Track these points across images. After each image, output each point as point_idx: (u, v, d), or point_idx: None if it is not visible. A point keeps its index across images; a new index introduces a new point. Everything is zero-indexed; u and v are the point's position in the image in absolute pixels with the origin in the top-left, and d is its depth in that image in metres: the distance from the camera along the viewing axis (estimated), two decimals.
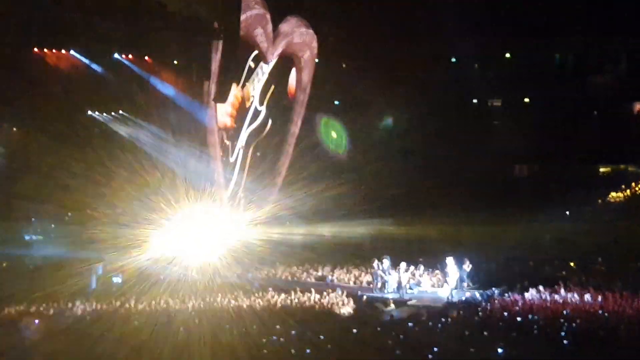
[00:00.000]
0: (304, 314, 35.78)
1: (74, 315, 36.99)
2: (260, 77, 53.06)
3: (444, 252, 48.66)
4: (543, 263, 45.74)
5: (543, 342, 27.64)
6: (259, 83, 53.11)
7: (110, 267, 48.95)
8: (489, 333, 29.12)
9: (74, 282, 44.52)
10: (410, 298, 41.03)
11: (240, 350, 26.94)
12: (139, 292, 41.78)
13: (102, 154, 57.14)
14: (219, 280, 45.62)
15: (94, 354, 27.11)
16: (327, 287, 43.13)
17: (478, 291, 40.65)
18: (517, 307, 34.86)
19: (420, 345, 27.58)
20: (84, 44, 59.74)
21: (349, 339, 29.47)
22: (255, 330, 31.16)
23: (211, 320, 33.37)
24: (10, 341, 30.74)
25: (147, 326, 32.54)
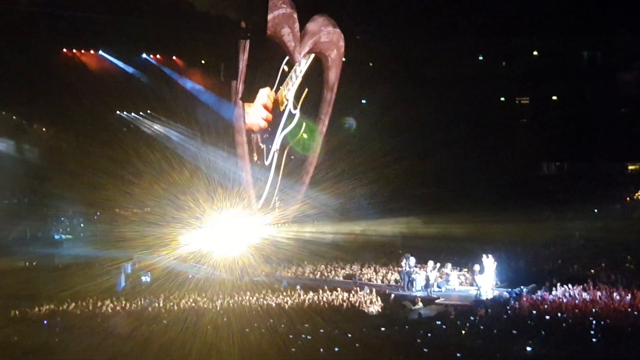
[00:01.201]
0: (332, 313, 35.77)
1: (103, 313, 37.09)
2: (294, 81, 53.09)
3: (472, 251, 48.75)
4: (572, 261, 45.47)
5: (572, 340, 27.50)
6: (292, 87, 53.13)
7: (139, 266, 49.14)
8: (517, 331, 29.03)
9: (102, 280, 44.80)
10: (438, 296, 40.94)
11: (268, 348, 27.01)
12: (168, 291, 41.92)
13: (131, 153, 57.39)
14: (247, 279, 45.71)
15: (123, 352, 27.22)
16: (354, 285, 43.10)
17: (506, 289, 40.50)
18: (546, 306, 34.72)
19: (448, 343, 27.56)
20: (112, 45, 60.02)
21: (377, 337, 29.48)
22: (284, 328, 31.21)
23: (239, 319, 33.43)
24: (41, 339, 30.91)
25: (175, 324, 32.68)
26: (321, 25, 52.95)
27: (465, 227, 51.57)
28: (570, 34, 57.84)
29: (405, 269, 43.19)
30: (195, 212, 52.31)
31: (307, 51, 52.23)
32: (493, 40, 59.36)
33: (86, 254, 53.72)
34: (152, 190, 56.22)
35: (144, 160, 56.96)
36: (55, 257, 54.71)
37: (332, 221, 55.69)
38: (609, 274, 41.31)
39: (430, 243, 51.88)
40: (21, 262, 53.92)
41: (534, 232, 50.04)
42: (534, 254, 48.04)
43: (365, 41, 57.81)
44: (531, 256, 47.65)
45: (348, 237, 54.61)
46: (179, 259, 49.81)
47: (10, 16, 51.20)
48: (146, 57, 61.72)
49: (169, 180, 55.59)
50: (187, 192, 53.78)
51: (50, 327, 33.76)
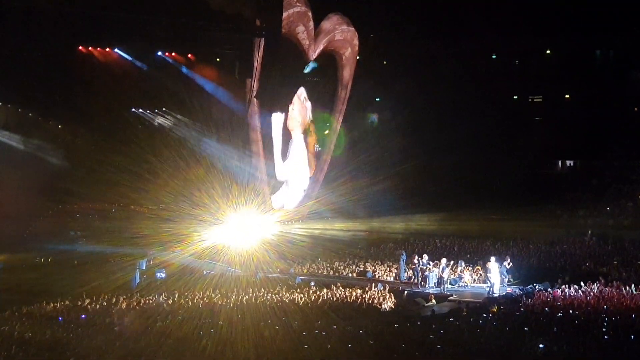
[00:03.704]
0: (345, 309, 35.90)
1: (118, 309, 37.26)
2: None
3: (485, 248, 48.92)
4: (584, 258, 45.54)
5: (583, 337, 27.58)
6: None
7: (154, 262, 49.36)
8: (529, 328, 29.12)
9: (118, 276, 45.04)
10: (451, 293, 41.06)
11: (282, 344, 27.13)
12: (183, 287, 42.12)
13: (146, 150, 57.68)
14: (262, 275, 45.88)
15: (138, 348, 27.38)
16: (368, 282, 43.26)
17: (519, 286, 40.62)
18: (558, 303, 34.80)
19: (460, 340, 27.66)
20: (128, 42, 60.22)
21: (390, 333, 29.58)
22: (297, 325, 31.34)
23: (254, 315, 33.54)
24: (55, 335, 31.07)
25: (190, 320, 32.84)
26: (335, 24, 53.23)
27: (478, 225, 51.75)
28: (584, 32, 57.90)
29: (418, 266, 43.32)
30: (210, 209, 52.59)
31: (322, 49, 52.47)
32: (506, 38, 59.45)
33: (101, 251, 53.86)
34: (167, 186, 56.54)
35: (159, 157, 57.28)
36: (71, 254, 54.87)
37: (346, 218, 55.88)
38: (621, 271, 41.40)
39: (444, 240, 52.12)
40: (37, 259, 54.23)
41: (546, 229, 50.13)
42: (546, 251, 48.10)
43: (379, 39, 58.00)
44: (543, 253, 47.71)
45: (362, 234, 54.83)
46: (194, 255, 50.07)
47: (26, 14, 51.65)
48: (161, 55, 61.94)
49: (184, 177, 55.90)
50: (202, 188, 54.07)
51: (65, 323, 33.90)
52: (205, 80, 60.76)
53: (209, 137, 58.86)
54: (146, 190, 58.56)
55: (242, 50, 54.11)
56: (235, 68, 58.44)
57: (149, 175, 57.58)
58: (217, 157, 57.18)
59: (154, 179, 57.85)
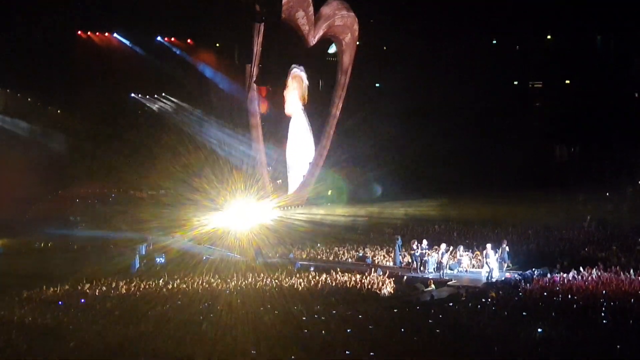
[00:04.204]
0: (344, 294, 35.93)
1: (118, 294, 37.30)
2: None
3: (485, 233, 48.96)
4: (583, 243, 45.58)
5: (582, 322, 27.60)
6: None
7: (154, 247, 49.39)
8: (528, 313, 29.16)
9: (117, 261, 45.10)
10: (450, 278, 41.09)
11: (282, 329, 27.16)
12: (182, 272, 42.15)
13: (146, 135, 57.74)
14: (261, 260, 45.92)
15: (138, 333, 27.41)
16: (367, 267, 43.28)
17: (518, 272, 40.65)
18: (557, 288, 34.84)
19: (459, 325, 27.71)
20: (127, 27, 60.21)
21: (390, 318, 29.63)
22: (297, 309, 31.38)
23: (253, 300, 33.57)
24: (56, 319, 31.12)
25: (190, 305, 32.90)
26: (335, 9, 53.11)
27: (477, 210, 51.79)
28: (584, 18, 57.82)
29: (417, 251, 43.35)
30: (209, 194, 52.63)
31: (322, 35, 52.39)
32: (506, 24, 59.39)
33: (101, 236, 53.88)
34: (166, 172, 56.56)
35: (159, 143, 57.30)
36: (70, 239, 54.92)
37: (346, 203, 55.92)
38: (620, 256, 41.42)
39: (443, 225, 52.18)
40: (36, 244, 54.28)
41: (545, 214, 50.17)
42: (545, 236, 48.15)
43: (379, 25, 57.89)
44: (542, 238, 47.76)
45: (361, 219, 54.88)
46: (194, 240, 50.11)
47: None
48: (160, 40, 61.92)
49: (183, 162, 55.93)
50: (201, 174, 54.11)
51: (65, 308, 33.94)
52: (204, 65, 60.80)
53: (209, 123, 58.91)
54: (146, 175, 58.65)
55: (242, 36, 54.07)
56: (235, 53, 58.43)
57: (148, 160, 57.63)
58: (217, 143, 57.24)
59: (153, 164, 57.90)
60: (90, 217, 60.81)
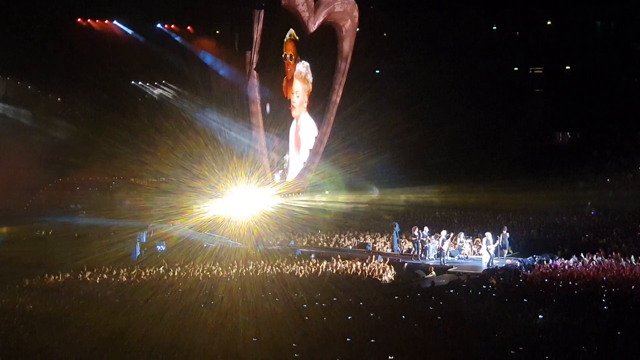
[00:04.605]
0: (345, 281, 35.95)
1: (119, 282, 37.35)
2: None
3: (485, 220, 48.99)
4: (584, 230, 45.60)
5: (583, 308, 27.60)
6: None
7: (154, 235, 49.42)
8: (529, 300, 29.18)
9: (118, 249, 45.14)
10: (451, 265, 41.10)
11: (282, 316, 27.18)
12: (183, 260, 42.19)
13: (146, 122, 57.71)
14: (262, 248, 45.96)
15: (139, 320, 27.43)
16: (368, 254, 43.30)
17: (518, 258, 40.66)
18: (558, 274, 34.87)
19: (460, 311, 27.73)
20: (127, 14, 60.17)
21: (390, 305, 29.65)
22: (298, 297, 31.42)
23: (254, 287, 33.62)
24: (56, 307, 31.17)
25: (191, 293, 32.94)
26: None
27: (478, 197, 51.76)
28: (584, 3, 57.70)
29: (418, 238, 43.38)
30: (210, 182, 52.63)
31: (322, 21, 52.27)
32: (507, 10, 59.27)
33: (101, 223, 53.96)
34: (167, 159, 56.58)
35: (159, 130, 57.28)
36: (71, 226, 55.00)
37: (346, 191, 55.90)
38: (621, 242, 41.46)
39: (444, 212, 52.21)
40: (37, 231, 54.36)
41: (546, 201, 50.14)
42: (546, 223, 48.18)
43: (379, 11, 57.75)
44: (543, 225, 47.78)
45: (362, 207, 54.90)
46: (194, 228, 50.13)
47: None
48: (161, 27, 61.84)
49: (184, 150, 55.92)
50: (202, 161, 54.11)
51: (66, 296, 34.01)
52: (204, 52, 60.73)
53: (209, 110, 58.86)
54: (146, 162, 58.65)
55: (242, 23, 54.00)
56: (235, 40, 58.35)
57: (148, 147, 57.63)
58: (217, 130, 57.19)
59: (153, 152, 57.91)
60: (91, 204, 60.86)
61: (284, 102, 53.57)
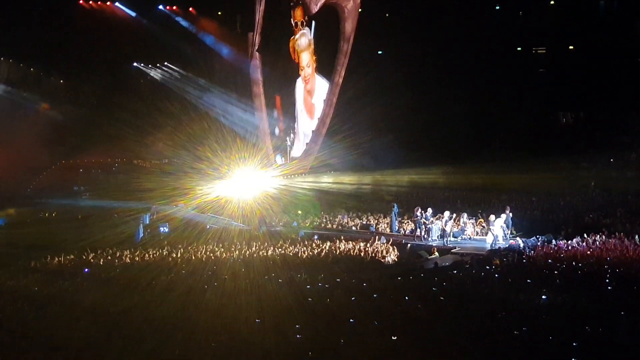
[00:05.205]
0: (348, 262, 35.99)
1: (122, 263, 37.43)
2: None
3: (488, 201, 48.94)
4: (587, 210, 45.51)
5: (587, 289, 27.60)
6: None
7: (157, 217, 49.50)
8: (532, 280, 29.17)
9: (121, 231, 45.23)
10: (454, 246, 41.09)
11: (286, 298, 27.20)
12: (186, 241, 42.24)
13: (149, 104, 57.72)
14: (265, 229, 46.00)
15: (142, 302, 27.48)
16: (371, 235, 43.32)
17: (522, 239, 40.62)
18: (561, 255, 34.85)
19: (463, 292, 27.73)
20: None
21: (393, 286, 29.66)
22: (301, 278, 31.45)
23: (257, 269, 33.65)
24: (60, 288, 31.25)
25: (194, 274, 32.97)
26: None
27: (481, 177, 51.70)
28: None
29: (421, 219, 43.37)
30: (213, 163, 52.66)
31: (324, 2, 52.09)
32: None
33: (105, 205, 53.99)
34: (170, 141, 56.61)
35: (162, 111, 57.27)
36: (74, 208, 55.05)
37: (349, 172, 55.84)
38: (624, 222, 41.38)
39: (447, 193, 52.16)
40: (41, 214, 54.42)
41: (549, 181, 50.05)
42: (549, 203, 48.11)
43: None
44: (546, 205, 47.73)
45: (365, 188, 54.84)
46: (197, 209, 50.19)
47: None
48: (162, 9, 61.74)
49: (186, 131, 55.93)
50: (205, 142, 54.11)
51: (69, 277, 34.09)
52: (206, 34, 60.64)
53: (212, 91, 58.84)
54: (149, 144, 58.69)
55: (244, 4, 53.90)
56: (237, 22, 58.30)
57: (151, 129, 57.67)
58: (220, 111, 57.20)
59: (156, 133, 57.97)
60: (94, 186, 60.90)
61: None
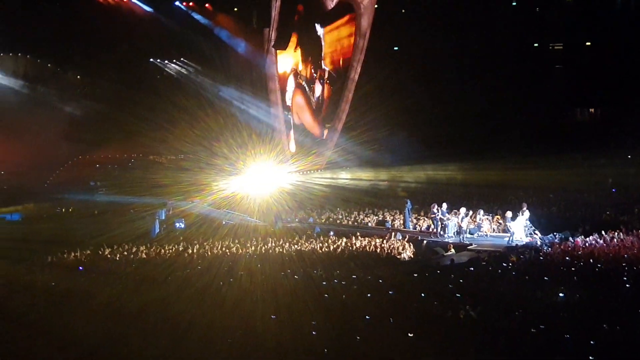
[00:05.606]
0: (364, 259, 35.93)
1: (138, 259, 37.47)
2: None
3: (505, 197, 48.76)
4: (605, 207, 45.28)
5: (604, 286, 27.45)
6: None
7: (173, 212, 49.55)
8: (549, 278, 29.03)
9: (137, 226, 45.28)
10: (471, 243, 40.95)
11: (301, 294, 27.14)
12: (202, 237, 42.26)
13: (165, 100, 57.74)
14: (281, 225, 45.98)
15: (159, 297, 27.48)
16: (387, 231, 43.25)
17: (539, 236, 40.44)
18: (579, 252, 34.68)
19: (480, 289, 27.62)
20: None
21: (409, 283, 29.58)
22: (317, 274, 31.40)
23: (273, 265, 33.64)
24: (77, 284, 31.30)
25: (210, 270, 32.95)
26: None
27: (498, 173, 51.53)
28: None
29: (437, 215, 43.22)
30: (229, 159, 52.68)
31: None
32: None
33: (121, 201, 54.09)
34: (186, 136, 56.64)
35: (178, 107, 57.32)
36: (91, 204, 55.19)
37: (365, 168, 55.78)
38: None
39: (463, 189, 52.01)
40: (57, 209, 54.55)
41: (566, 178, 49.87)
42: (567, 200, 47.92)
43: None
44: (564, 202, 47.54)
45: (381, 184, 54.75)
46: (213, 205, 50.23)
47: None
48: (179, 4, 61.79)
49: (202, 127, 55.95)
50: (220, 138, 54.14)
51: (86, 272, 34.17)
52: (222, 30, 60.64)
53: (227, 87, 58.85)
54: (165, 140, 58.75)
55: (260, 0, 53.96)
56: (253, 17, 58.28)
57: (168, 125, 57.72)
58: (236, 107, 57.21)
59: (173, 129, 57.99)
60: (111, 182, 61.01)
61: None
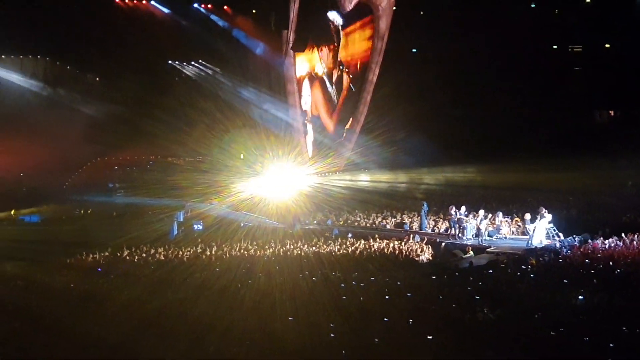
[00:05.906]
0: (383, 261, 35.87)
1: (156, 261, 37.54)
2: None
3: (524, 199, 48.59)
4: (624, 210, 45.06)
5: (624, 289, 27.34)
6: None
7: (191, 214, 49.61)
8: (569, 281, 28.93)
9: (156, 228, 45.38)
10: (489, 245, 40.80)
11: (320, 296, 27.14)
12: (220, 239, 42.28)
13: (183, 102, 57.89)
14: (299, 227, 45.97)
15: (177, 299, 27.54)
16: (405, 234, 43.18)
17: (558, 238, 40.27)
18: (598, 255, 34.52)
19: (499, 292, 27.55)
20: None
21: (428, 285, 29.52)
22: (335, 276, 31.39)
23: (291, 267, 33.63)
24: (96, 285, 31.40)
25: (228, 272, 32.98)
26: None
27: (516, 176, 51.36)
28: None
29: (455, 217, 43.08)
30: (247, 161, 52.76)
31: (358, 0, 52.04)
32: None
33: (139, 202, 54.22)
34: (204, 138, 56.74)
35: (196, 109, 57.44)
36: (109, 205, 55.35)
37: (384, 170, 55.72)
38: None
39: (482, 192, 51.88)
40: (76, 210, 54.74)
41: (586, 180, 49.67)
42: (586, 202, 47.73)
43: None
44: (583, 205, 47.35)
45: (399, 186, 54.66)
46: (231, 207, 50.27)
47: None
48: (197, 7, 61.89)
49: (221, 129, 56.05)
50: (239, 140, 54.22)
51: (105, 274, 34.28)
52: (241, 32, 60.70)
53: (246, 89, 58.92)
54: (183, 142, 58.87)
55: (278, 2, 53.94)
56: (271, 20, 58.26)
57: (186, 127, 57.86)
58: (254, 109, 57.27)
59: (191, 131, 58.12)
60: (129, 184, 61.15)
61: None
